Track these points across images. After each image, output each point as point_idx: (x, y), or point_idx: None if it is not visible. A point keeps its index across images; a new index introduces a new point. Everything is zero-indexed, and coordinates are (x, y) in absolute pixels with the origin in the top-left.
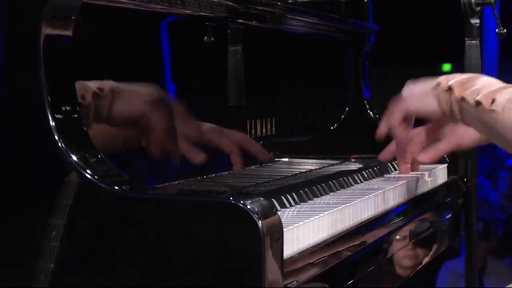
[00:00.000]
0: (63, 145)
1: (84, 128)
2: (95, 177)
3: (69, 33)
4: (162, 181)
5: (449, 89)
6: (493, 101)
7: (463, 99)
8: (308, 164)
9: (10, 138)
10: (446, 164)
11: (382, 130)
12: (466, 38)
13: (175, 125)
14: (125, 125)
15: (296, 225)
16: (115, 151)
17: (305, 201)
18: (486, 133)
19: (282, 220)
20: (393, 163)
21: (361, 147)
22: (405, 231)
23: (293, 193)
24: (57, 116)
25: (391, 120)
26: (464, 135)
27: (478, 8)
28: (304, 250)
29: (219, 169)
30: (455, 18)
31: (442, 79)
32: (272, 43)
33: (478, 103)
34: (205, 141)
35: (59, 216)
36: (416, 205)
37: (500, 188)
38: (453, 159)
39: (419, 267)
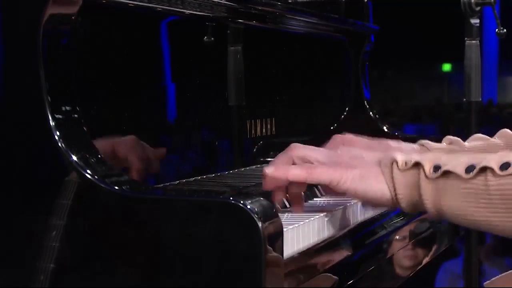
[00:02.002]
0: (63, 145)
1: (84, 128)
2: (95, 177)
3: (69, 33)
4: (162, 181)
5: (414, 166)
6: (507, 165)
7: (445, 173)
8: None
9: (10, 138)
10: None
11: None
12: (466, 38)
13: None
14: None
15: (296, 225)
16: None
17: (305, 201)
18: (483, 213)
19: (282, 220)
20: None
21: None
22: (405, 231)
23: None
24: (57, 116)
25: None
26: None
27: (478, 8)
28: (304, 250)
29: (219, 169)
30: (455, 18)
31: (395, 155)
32: (272, 43)
33: (483, 170)
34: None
35: (59, 216)
36: None
37: None
38: None
39: (419, 267)
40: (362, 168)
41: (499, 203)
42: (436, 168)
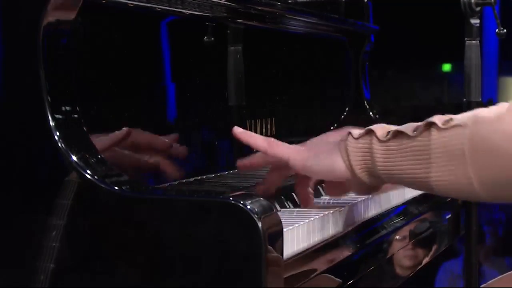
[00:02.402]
0: (63, 145)
1: (84, 128)
2: (95, 177)
3: (69, 33)
4: (162, 181)
5: (367, 133)
6: (450, 119)
7: (397, 134)
8: None
9: (10, 138)
10: None
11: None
12: (466, 38)
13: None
14: None
15: (296, 225)
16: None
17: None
18: (425, 171)
19: (282, 220)
20: None
21: None
22: (405, 231)
23: (293, 193)
24: (57, 116)
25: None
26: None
27: (478, 8)
28: (304, 250)
29: (219, 169)
30: (455, 18)
31: (352, 129)
32: (272, 43)
33: (428, 126)
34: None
35: (59, 216)
36: (416, 205)
37: None
38: None
39: (419, 267)
40: (319, 147)
41: (439, 156)
42: (389, 133)
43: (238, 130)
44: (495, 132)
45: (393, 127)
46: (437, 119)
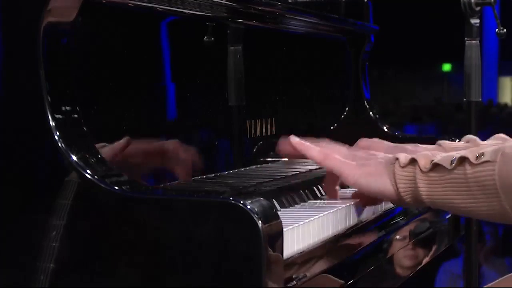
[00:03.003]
0: (63, 145)
1: (84, 128)
2: (95, 177)
3: (69, 33)
4: (162, 181)
5: (411, 162)
6: (481, 154)
7: (435, 166)
8: (308, 164)
9: (10, 138)
10: None
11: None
12: (466, 38)
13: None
14: None
15: (296, 225)
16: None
17: (305, 201)
18: (464, 199)
19: (282, 220)
20: None
21: None
22: (405, 231)
23: (293, 193)
24: (57, 116)
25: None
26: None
27: (478, 8)
28: (304, 250)
29: (219, 169)
30: (455, 18)
31: (399, 155)
32: (272, 43)
33: (462, 160)
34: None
35: (59, 216)
36: None
37: None
38: None
39: (419, 267)
40: (370, 167)
41: (476, 190)
42: (430, 161)
43: (295, 140)
44: None
45: (435, 156)
46: (470, 153)
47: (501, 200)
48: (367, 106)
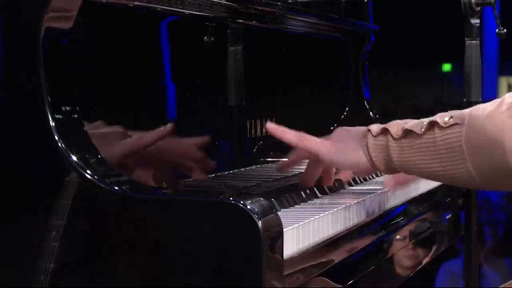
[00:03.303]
0: (63, 145)
1: (84, 128)
2: (95, 177)
3: (69, 32)
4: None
5: (383, 131)
6: (450, 117)
7: (407, 132)
8: None
9: (10, 138)
10: None
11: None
12: (466, 38)
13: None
14: None
15: (296, 225)
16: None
17: (305, 201)
18: (432, 164)
19: (282, 220)
20: None
21: None
22: (405, 231)
23: (293, 193)
24: (57, 116)
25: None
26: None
27: (478, 8)
28: (304, 250)
29: (219, 169)
30: (455, 18)
31: (370, 126)
32: (272, 43)
33: (432, 125)
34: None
35: (59, 216)
36: (416, 205)
37: None
38: None
39: (419, 267)
40: (344, 141)
41: (444, 153)
42: (402, 128)
43: (270, 125)
44: (485, 127)
45: (407, 123)
46: (439, 117)
47: (466, 162)
48: (367, 106)
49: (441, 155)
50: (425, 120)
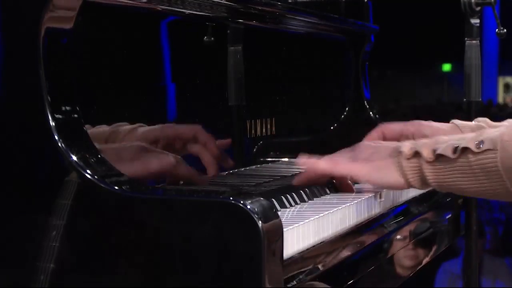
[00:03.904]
0: (63, 145)
1: (84, 128)
2: (95, 177)
3: (69, 32)
4: (161, 181)
5: (415, 155)
6: (480, 142)
7: (439, 156)
8: None
9: (10, 138)
10: None
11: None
12: (466, 38)
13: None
14: None
15: (296, 225)
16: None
17: (305, 201)
18: (471, 184)
19: (282, 220)
20: None
21: None
22: (405, 231)
23: (293, 193)
24: (57, 116)
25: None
26: None
27: (478, 8)
28: (304, 250)
29: (219, 169)
30: (455, 18)
31: (402, 146)
32: (272, 43)
33: (464, 150)
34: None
35: (59, 216)
36: (416, 205)
37: None
38: None
39: (419, 267)
40: (377, 161)
41: (481, 175)
42: (433, 151)
43: (301, 161)
44: None
45: (436, 144)
46: (471, 143)
47: (505, 183)
48: (367, 106)
49: (479, 177)
50: (453, 143)
